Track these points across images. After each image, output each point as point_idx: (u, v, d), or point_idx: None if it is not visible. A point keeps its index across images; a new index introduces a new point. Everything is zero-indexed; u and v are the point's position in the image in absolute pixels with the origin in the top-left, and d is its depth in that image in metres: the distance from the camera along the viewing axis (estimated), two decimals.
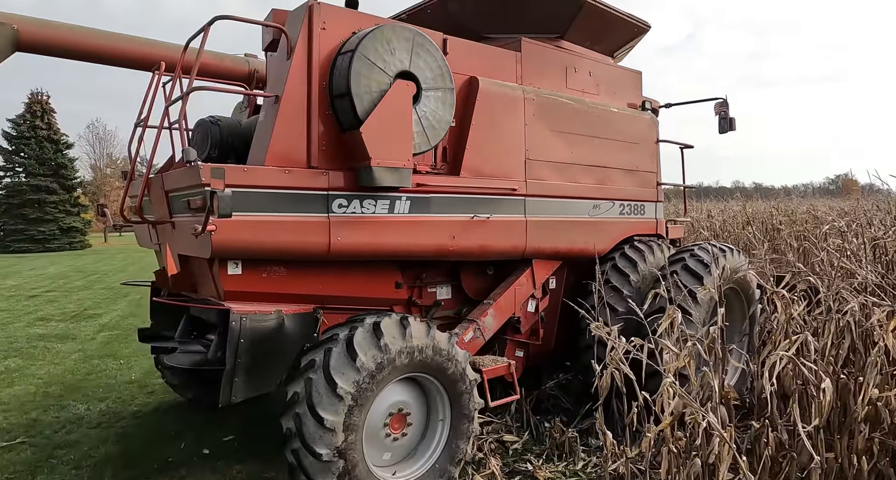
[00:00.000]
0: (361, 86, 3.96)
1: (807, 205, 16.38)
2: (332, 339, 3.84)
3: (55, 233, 41.65)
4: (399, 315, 4.09)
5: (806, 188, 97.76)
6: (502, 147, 5.02)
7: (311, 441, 3.59)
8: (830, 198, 30.50)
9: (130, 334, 10.48)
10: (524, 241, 5.12)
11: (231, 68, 4.85)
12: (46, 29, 4.16)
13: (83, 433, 5.81)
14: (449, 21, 5.45)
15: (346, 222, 4.08)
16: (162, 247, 4.62)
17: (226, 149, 4.51)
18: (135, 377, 7.69)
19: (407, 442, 4.23)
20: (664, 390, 3.02)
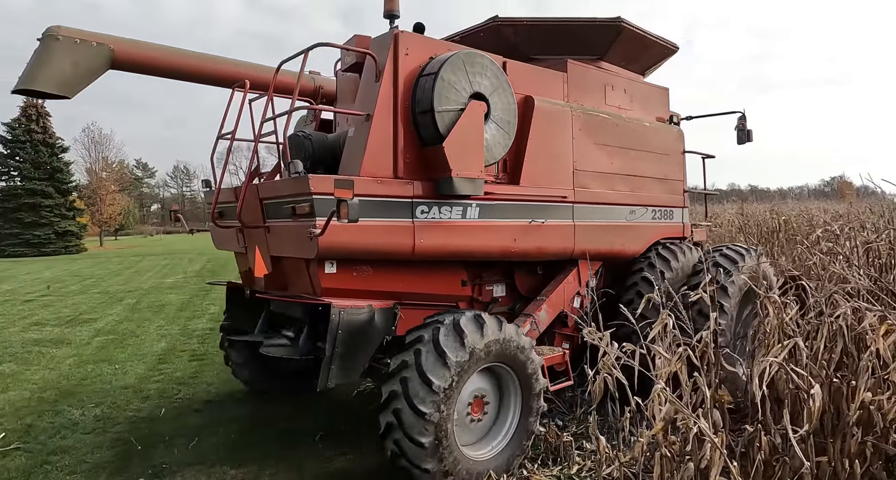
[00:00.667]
0: (443, 105, 4.46)
1: (800, 208, 16.52)
2: (419, 340, 4.28)
3: (51, 237, 41.64)
4: (473, 312, 4.49)
5: (801, 190, 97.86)
6: (554, 159, 5.56)
7: (412, 431, 4.03)
8: (824, 200, 30.66)
9: (126, 338, 10.48)
10: (573, 243, 5.67)
11: (303, 86, 5.23)
12: (137, 49, 4.57)
13: (78, 438, 5.80)
14: (501, 44, 5.98)
15: (427, 226, 4.59)
16: (250, 250, 5.09)
17: (317, 161, 4.84)
18: (130, 382, 7.67)
19: (485, 423, 4.70)
20: (655, 396, 3.03)
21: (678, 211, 6.95)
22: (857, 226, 7.00)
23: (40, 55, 4.18)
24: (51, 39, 4.18)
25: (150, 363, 8.64)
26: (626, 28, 6.20)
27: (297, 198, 4.21)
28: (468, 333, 4.27)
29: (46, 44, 4.18)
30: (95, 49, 4.32)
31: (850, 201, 23.27)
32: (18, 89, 4.24)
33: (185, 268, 25.56)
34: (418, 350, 4.19)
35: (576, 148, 5.74)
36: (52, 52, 4.15)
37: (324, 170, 4.71)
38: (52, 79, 4.15)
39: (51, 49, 4.15)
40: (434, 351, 4.16)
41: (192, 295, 16.28)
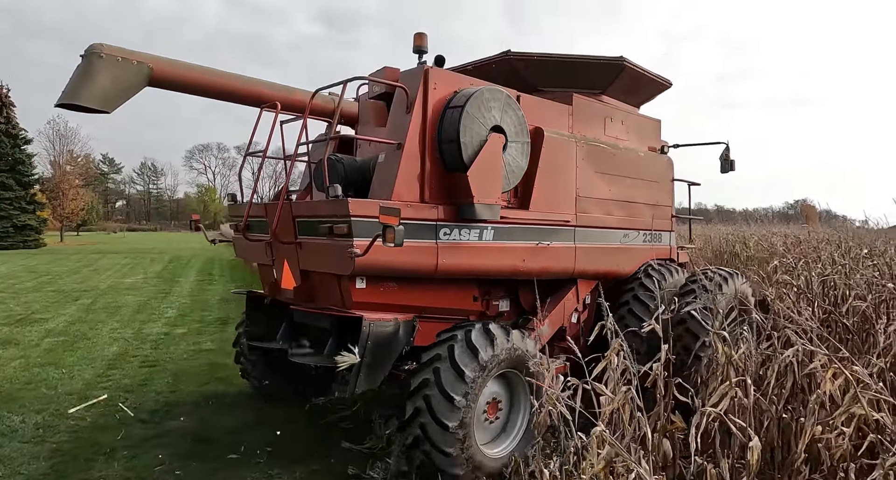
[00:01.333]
0: (468, 136, 4.89)
1: (761, 233, 16.74)
2: (452, 339, 4.68)
3: (9, 230, 40.69)
4: (482, 326, 4.83)
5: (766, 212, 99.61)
6: (560, 185, 6.02)
7: (441, 415, 4.37)
8: (785, 224, 31.17)
9: (77, 341, 10.22)
10: (573, 264, 6.13)
11: (323, 106, 5.48)
12: (174, 68, 4.81)
13: (14, 447, 5.59)
14: (511, 75, 6.42)
15: (448, 247, 5.01)
16: (278, 263, 5.47)
17: (348, 182, 5.06)
18: (76, 388, 7.46)
19: (497, 425, 5.07)
20: (593, 438, 2.98)
21: (666, 234, 7.46)
22: (813, 258, 7.10)
23: (84, 71, 4.36)
24: (94, 57, 4.37)
25: (99, 368, 8.42)
26: (628, 66, 6.72)
27: (336, 219, 4.53)
28: (480, 348, 4.62)
29: (90, 61, 4.37)
30: (136, 67, 4.55)
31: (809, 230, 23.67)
32: (62, 103, 4.35)
33: (146, 269, 25.10)
34: (437, 368, 4.52)
35: (579, 176, 6.19)
36: (95, 69, 4.35)
37: (354, 191, 4.99)
38: (95, 94, 4.34)
39: (94, 66, 4.36)
40: (452, 369, 4.50)
41: (150, 297, 15.98)
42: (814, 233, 13.98)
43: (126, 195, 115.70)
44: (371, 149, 5.54)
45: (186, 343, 10.28)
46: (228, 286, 18.98)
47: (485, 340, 4.69)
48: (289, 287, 5.36)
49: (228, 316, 13.11)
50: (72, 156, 56.92)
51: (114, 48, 4.48)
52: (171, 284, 19.39)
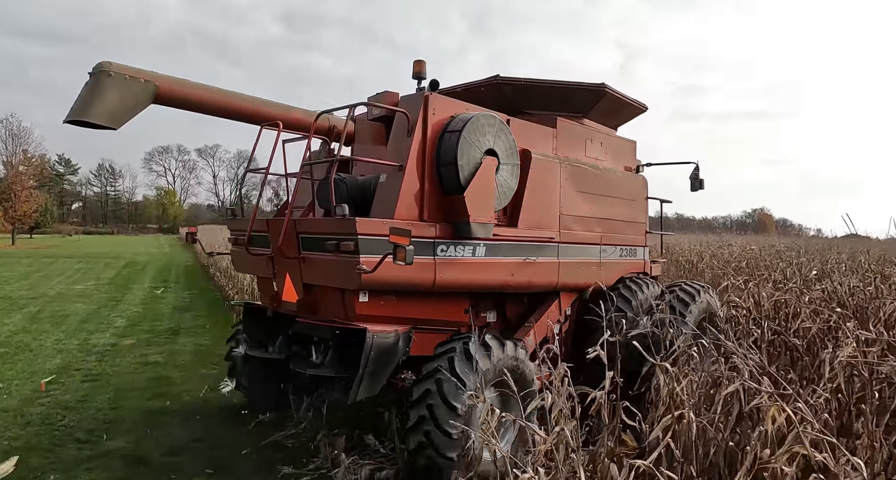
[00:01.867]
0: (464, 159, 5.19)
1: (718, 243, 16.97)
2: (451, 351, 4.89)
3: None
4: (477, 338, 5.03)
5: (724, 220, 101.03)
6: (545, 204, 6.31)
7: (443, 423, 4.52)
8: (741, 233, 31.69)
9: (18, 353, 9.86)
10: (557, 278, 6.42)
11: (318, 125, 5.59)
12: (179, 87, 4.95)
13: None
14: (499, 98, 6.74)
15: (445, 263, 5.27)
16: (279, 276, 5.63)
17: (349, 200, 5.20)
18: (12, 404, 7.15)
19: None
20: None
21: (640, 249, 7.84)
22: (764, 276, 7.15)
23: (92, 89, 4.47)
24: (103, 75, 4.48)
25: (38, 383, 8.09)
26: (609, 92, 7.08)
27: (342, 237, 4.74)
28: (479, 359, 4.84)
29: (98, 78, 4.49)
30: (142, 85, 4.68)
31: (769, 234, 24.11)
32: (71, 119, 4.44)
33: (98, 274, 24.52)
34: (439, 379, 4.71)
35: (562, 195, 6.50)
36: (103, 87, 4.48)
37: (355, 209, 5.08)
38: (103, 111, 4.45)
39: (102, 83, 4.48)
40: (465, 358, 4.81)
41: (100, 306, 15.56)
42: (767, 246, 14.18)
43: (83, 197, 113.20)
44: (368, 167, 5.81)
45: (133, 355, 9.99)
46: (183, 294, 18.64)
47: (483, 352, 4.92)
48: (290, 299, 5.54)
49: (180, 326, 12.83)
50: (26, 156, 55.41)
51: (122, 66, 4.60)
52: (124, 291, 18.94)
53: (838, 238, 20.52)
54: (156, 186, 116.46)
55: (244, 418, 6.70)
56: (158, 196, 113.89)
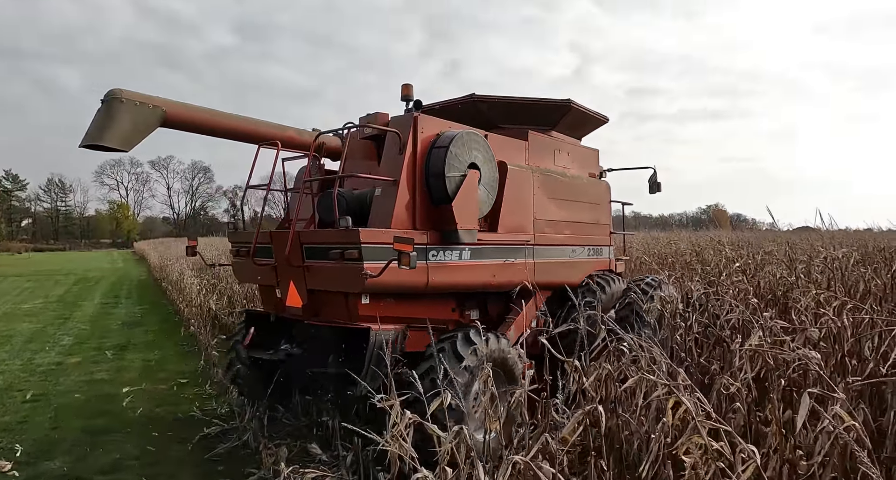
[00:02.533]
0: (451, 173, 5.74)
1: (667, 239, 17.29)
2: (452, 338, 5.49)
3: None
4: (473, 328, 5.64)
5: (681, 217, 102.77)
6: (521, 210, 6.89)
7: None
8: (696, 229, 32.30)
9: None
10: (532, 276, 6.87)
11: (307, 141, 6.06)
12: (185, 111, 5.29)
13: None
14: (474, 115, 7.36)
15: (436, 266, 5.81)
16: (283, 283, 6.13)
17: (349, 212, 5.71)
18: None
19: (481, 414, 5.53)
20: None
21: (606, 248, 8.53)
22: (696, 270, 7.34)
23: (105, 114, 4.77)
24: (115, 101, 4.79)
25: None
26: (573, 107, 7.85)
27: (347, 246, 5.26)
28: (465, 352, 5.39)
29: (111, 105, 4.79)
30: (151, 110, 5.00)
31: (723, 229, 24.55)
32: (87, 144, 4.73)
33: (48, 292, 23.95)
34: (453, 341, 5.40)
35: (535, 201, 7.08)
36: (116, 112, 4.78)
37: (353, 220, 5.50)
38: (116, 135, 4.75)
39: (115, 109, 4.78)
40: (464, 341, 5.43)
41: (47, 324, 15.22)
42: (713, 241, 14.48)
43: (32, 213, 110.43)
44: (359, 181, 6.29)
45: (79, 373, 9.81)
46: (134, 309, 18.34)
47: (467, 345, 5.45)
48: (295, 304, 6.01)
49: (129, 341, 12.62)
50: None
51: (132, 93, 4.91)
52: (73, 308, 18.54)
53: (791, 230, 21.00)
54: (108, 200, 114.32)
55: (189, 433, 6.66)
56: (111, 210, 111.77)
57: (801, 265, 6.91)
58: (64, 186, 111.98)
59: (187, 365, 10.13)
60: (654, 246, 15.47)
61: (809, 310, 4.88)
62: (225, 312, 12.84)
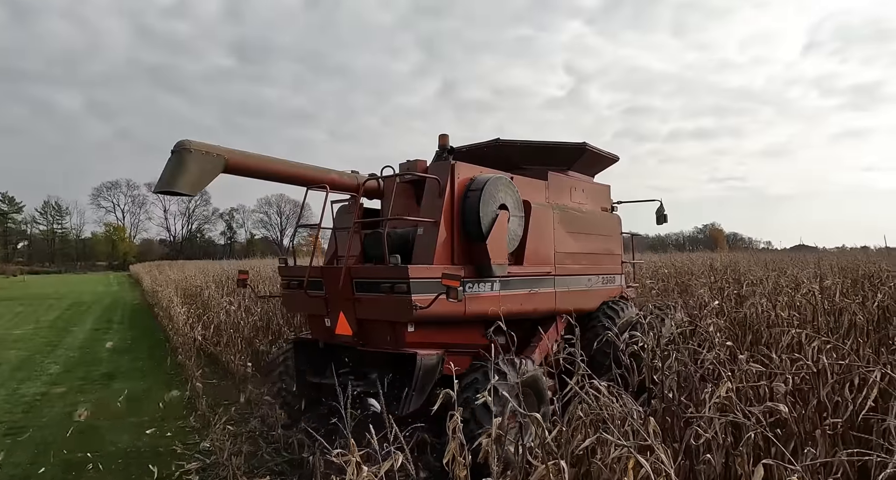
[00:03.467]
0: (485, 214, 6.36)
1: (662, 262, 17.25)
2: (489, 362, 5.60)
3: None
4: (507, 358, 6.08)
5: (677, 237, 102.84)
6: (543, 245, 7.51)
7: (484, 420, 5.19)
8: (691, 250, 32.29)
9: None
10: (554, 304, 7.56)
11: (347, 182, 6.76)
12: (244, 159, 5.87)
13: None
14: (499, 157, 8.05)
15: (472, 297, 6.37)
16: (333, 314, 6.67)
17: (393, 250, 6.17)
18: None
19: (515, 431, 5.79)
20: None
21: (618, 276, 9.17)
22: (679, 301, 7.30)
23: (176, 163, 5.32)
24: (185, 152, 5.35)
25: None
26: (588, 149, 8.64)
27: (396, 280, 5.85)
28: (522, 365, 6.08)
29: (182, 155, 5.34)
30: (215, 159, 5.55)
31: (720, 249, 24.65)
32: (161, 190, 5.32)
33: (39, 317, 23.81)
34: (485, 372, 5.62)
35: (555, 236, 7.72)
36: (186, 162, 5.33)
37: (398, 257, 6.06)
38: (187, 182, 5.31)
39: (185, 159, 5.34)
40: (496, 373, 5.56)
41: (35, 352, 15.09)
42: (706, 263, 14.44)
43: (28, 235, 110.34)
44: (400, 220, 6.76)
45: (64, 403, 9.73)
46: (126, 334, 18.25)
47: (512, 368, 5.99)
48: (345, 332, 6.55)
49: (117, 370, 12.53)
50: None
51: (199, 144, 5.47)
52: (64, 335, 18.42)
53: (787, 249, 21.01)
54: (105, 222, 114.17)
55: (169, 468, 6.57)
56: (108, 232, 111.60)
57: (786, 297, 6.85)
58: (60, 209, 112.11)
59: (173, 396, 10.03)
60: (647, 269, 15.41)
61: (787, 350, 4.83)
62: (212, 342, 12.78)
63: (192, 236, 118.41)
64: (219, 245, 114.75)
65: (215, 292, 16.50)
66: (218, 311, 13.45)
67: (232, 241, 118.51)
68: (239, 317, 12.51)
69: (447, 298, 5.49)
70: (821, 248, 28.71)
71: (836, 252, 23.39)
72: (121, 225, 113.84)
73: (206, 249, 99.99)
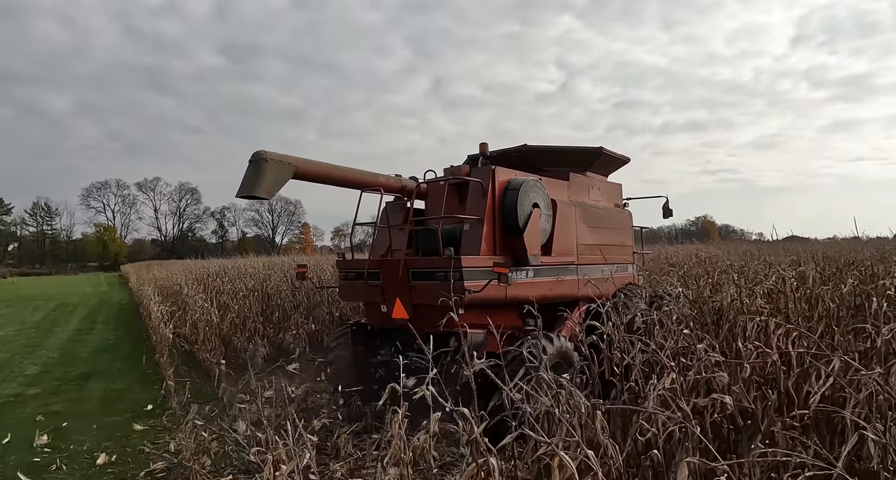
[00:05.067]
0: (521, 211, 7.27)
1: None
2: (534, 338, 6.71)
3: None
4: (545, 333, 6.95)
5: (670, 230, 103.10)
6: (567, 237, 8.42)
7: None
8: (683, 242, 32.26)
9: None
10: (578, 290, 8.48)
11: (393, 185, 7.62)
12: (310, 166, 6.59)
13: None
14: (524, 160, 8.90)
15: (512, 283, 7.03)
16: (390, 300, 7.49)
17: (444, 243, 7.02)
18: None
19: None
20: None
21: (630, 266, 10.23)
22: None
23: (255, 171, 6.02)
24: (262, 161, 6.03)
25: None
26: (604, 153, 9.61)
27: (450, 270, 6.59)
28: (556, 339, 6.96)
29: (259, 164, 6.03)
30: (287, 167, 6.26)
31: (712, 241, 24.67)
32: (242, 195, 6.01)
33: (24, 319, 23.58)
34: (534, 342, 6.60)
35: (577, 230, 8.65)
36: (263, 170, 6.01)
37: (451, 249, 6.83)
38: (264, 188, 6.00)
39: (262, 167, 6.02)
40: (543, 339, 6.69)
41: (16, 353, 14.89)
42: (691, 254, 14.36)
43: (18, 237, 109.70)
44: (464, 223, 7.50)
45: (36, 404, 9.58)
46: (109, 334, 18.10)
47: (547, 341, 6.80)
48: (402, 316, 7.30)
49: (95, 370, 12.39)
50: None
51: (274, 154, 6.15)
52: (46, 335, 18.23)
53: (779, 241, 21.00)
54: (95, 223, 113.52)
55: (135, 469, 6.45)
56: (98, 233, 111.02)
57: (761, 286, 6.74)
58: (50, 210, 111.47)
59: (148, 395, 9.91)
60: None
61: (753, 339, 4.71)
62: (190, 340, 12.65)
63: (184, 235, 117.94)
64: (210, 244, 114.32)
65: (192, 290, 16.31)
66: (195, 309, 13.31)
67: (223, 240, 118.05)
68: (213, 315, 12.37)
69: (499, 283, 6.51)
70: (812, 239, 28.68)
71: (827, 242, 23.35)
72: (111, 225, 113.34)
73: (197, 248, 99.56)
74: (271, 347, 12.03)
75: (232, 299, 13.34)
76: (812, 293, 6.43)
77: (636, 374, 4.46)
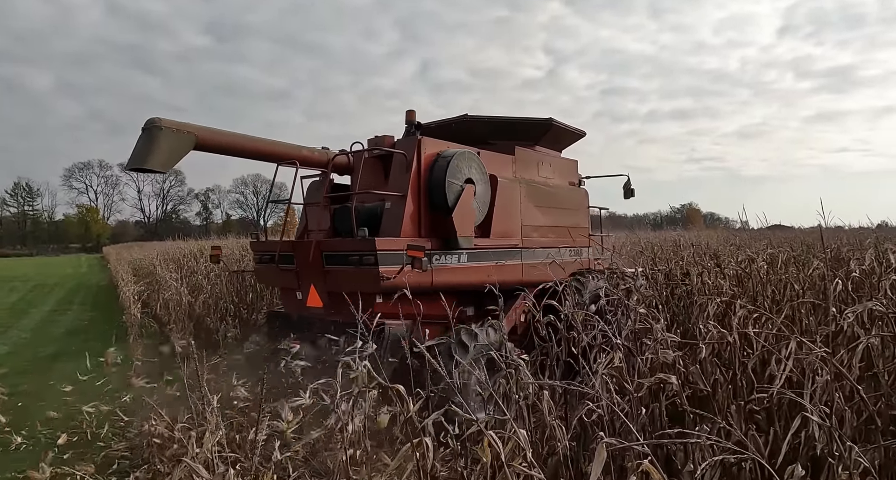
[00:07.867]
0: (450, 187, 6.60)
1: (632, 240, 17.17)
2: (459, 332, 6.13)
3: None
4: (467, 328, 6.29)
5: (654, 217, 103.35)
6: (510, 218, 7.76)
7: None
8: (667, 229, 32.36)
9: None
10: (521, 276, 7.72)
11: (318, 158, 6.99)
12: (214, 136, 5.98)
13: None
14: (466, 132, 8.18)
15: (439, 269, 6.61)
16: (304, 286, 6.96)
17: (361, 223, 6.44)
18: None
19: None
20: None
21: (585, 250, 9.41)
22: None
23: (147, 141, 5.44)
24: (155, 129, 5.45)
25: None
26: (554, 124, 8.79)
27: (364, 253, 6.09)
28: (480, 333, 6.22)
29: (152, 133, 5.46)
30: (186, 137, 5.65)
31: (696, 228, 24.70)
32: (132, 167, 5.48)
33: (0, 299, 23.30)
34: (459, 336, 6.05)
35: (522, 209, 7.96)
36: (156, 139, 5.43)
37: (366, 230, 6.31)
38: (157, 159, 5.41)
39: (155, 136, 5.44)
40: (460, 346, 6.03)
41: None
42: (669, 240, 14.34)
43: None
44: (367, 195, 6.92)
45: (3, 384, 9.42)
46: (84, 315, 17.90)
47: (470, 338, 6.14)
48: (316, 305, 6.81)
49: (67, 349, 12.23)
50: None
51: (170, 122, 5.57)
52: (20, 316, 17.99)
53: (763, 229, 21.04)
54: (77, 204, 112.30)
55: (93, 453, 6.34)
56: (80, 214, 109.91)
57: (727, 268, 6.70)
58: (31, 190, 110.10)
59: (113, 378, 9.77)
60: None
61: (709, 320, 4.66)
62: (163, 320, 12.52)
63: (168, 217, 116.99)
64: (194, 226, 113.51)
65: (165, 270, 16.14)
66: (167, 289, 13.17)
67: (208, 222, 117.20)
68: (184, 295, 12.24)
69: (412, 269, 5.81)
70: (797, 228, 28.75)
71: (808, 230, 23.39)
72: (94, 206, 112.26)
73: (182, 230, 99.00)
74: (242, 327, 11.94)
75: (205, 279, 13.20)
76: (779, 276, 6.40)
77: (595, 354, 4.40)
